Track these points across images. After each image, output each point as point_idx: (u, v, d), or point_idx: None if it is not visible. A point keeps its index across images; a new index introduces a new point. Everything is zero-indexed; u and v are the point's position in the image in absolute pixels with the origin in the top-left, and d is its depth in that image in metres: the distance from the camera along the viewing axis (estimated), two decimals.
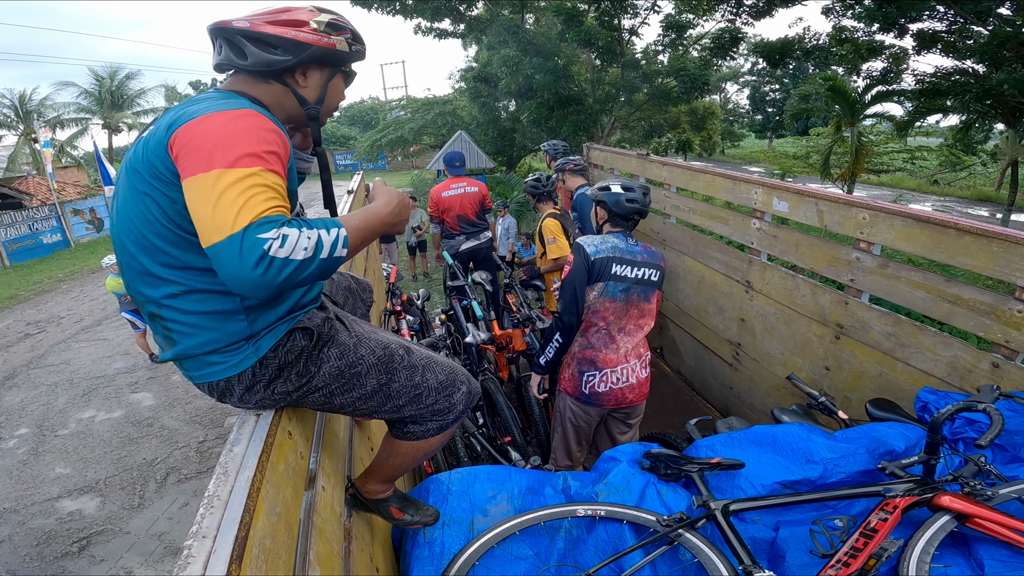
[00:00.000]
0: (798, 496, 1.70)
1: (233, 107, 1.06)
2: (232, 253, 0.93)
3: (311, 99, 1.28)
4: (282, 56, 1.20)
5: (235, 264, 0.93)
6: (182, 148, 1.00)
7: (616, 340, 2.51)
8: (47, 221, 17.04)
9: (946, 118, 16.44)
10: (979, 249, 2.20)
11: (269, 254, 0.94)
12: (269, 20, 1.19)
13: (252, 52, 1.18)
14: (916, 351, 2.53)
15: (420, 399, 1.37)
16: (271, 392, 1.19)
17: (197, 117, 1.03)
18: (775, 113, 39.04)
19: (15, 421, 6.13)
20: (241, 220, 0.94)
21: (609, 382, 2.51)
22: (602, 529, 1.76)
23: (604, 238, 2.51)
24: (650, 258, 2.53)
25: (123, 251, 1.12)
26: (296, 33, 1.19)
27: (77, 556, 4.03)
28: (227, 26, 1.17)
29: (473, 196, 5.17)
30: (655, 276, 2.53)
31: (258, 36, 1.17)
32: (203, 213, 0.95)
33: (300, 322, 1.21)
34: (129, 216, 1.08)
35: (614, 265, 2.44)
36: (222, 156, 0.97)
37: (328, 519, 1.30)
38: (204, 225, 0.96)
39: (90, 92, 22.64)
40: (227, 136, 1.00)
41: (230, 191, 0.95)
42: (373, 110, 41.00)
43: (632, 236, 2.57)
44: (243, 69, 1.20)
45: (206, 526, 0.85)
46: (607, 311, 2.47)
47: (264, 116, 1.08)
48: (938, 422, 1.56)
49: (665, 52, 13.16)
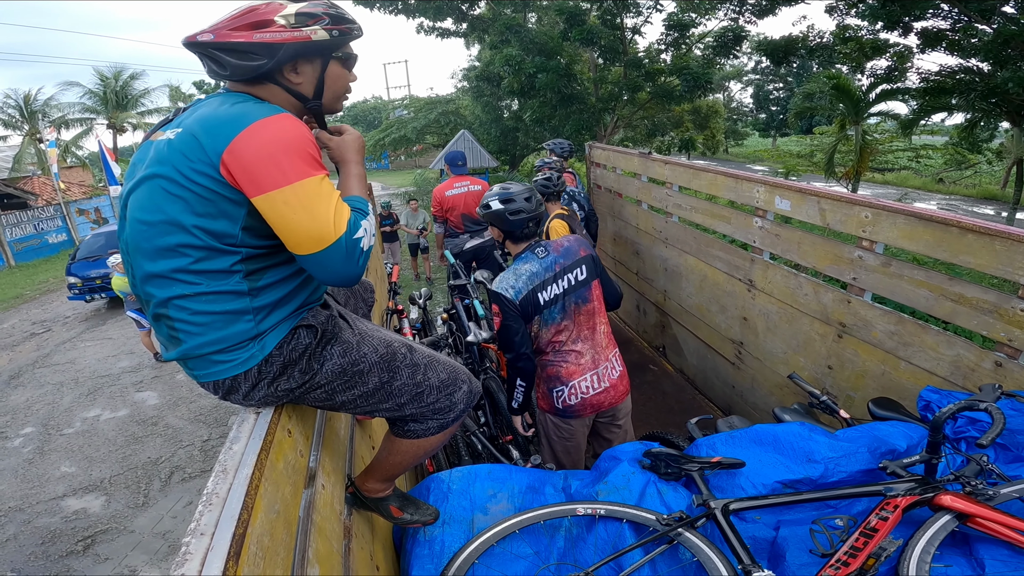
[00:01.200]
0: (798, 495, 1.69)
1: (268, 113, 1.09)
2: (339, 256, 1.08)
3: (308, 93, 1.23)
4: (258, 61, 1.14)
5: (343, 265, 1.09)
6: (246, 164, 1.04)
7: (576, 349, 2.40)
8: (52, 221, 17.15)
9: (951, 116, 16.35)
10: (982, 248, 2.19)
11: (364, 249, 1.12)
12: (233, 26, 1.13)
13: (228, 63, 1.14)
14: (919, 350, 2.52)
15: (421, 397, 1.37)
16: (275, 389, 1.20)
17: (246, 128, 1.04)
18: (779, 112, 38.86)
19: (21, 420, 6.16)
20: (340, 225, 1.07)
21: (579, 392, 2.41)
22: (602, 528, 1.76)
23: (516, 272, 2.31)
24: (567, 259, 2.37)
25: (136, 252, 1.12)
26: (263, 35, 1.13)
27: (82, 555, 4.05)
28: (198, 42, 1.14)
29: (477, 194, 5.17)
30: (582, 274, 2.39)
31: (227, 46, 1.13)
32: (300, 224, 1.05)
33: (304, 319, 1.22)
34: (146, 219, 1.08)
35: (539, 294, 2.30)
36: (292, 167, 1.05)
37: (328, 517, 1.31)
38: (304, 235, 1.06)
39: (95, 92, 22.73)
40: (287, 147, 1.06)
41: (319, 200, 1.06)
42: (376, 109, 41.01)
43: (540, 246, 2.37)
44: (222, 78, 1.18)
45: (204, 523, 0.85)
46: (554, 334, 2.38)
47: (294, 117, 1.12)
48: (939, 421, 1.55)
49: (668, 51, 13.10)
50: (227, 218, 1.07)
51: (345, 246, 1.08)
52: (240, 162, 1.03)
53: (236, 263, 1.10)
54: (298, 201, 1.04)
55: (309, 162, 1.07)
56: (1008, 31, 8.93)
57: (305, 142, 1.08)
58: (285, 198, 1.04)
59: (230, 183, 1.05)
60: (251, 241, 1.11)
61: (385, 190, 23.42)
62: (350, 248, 1.09)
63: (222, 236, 1.08)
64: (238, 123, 1.05)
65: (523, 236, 2.38)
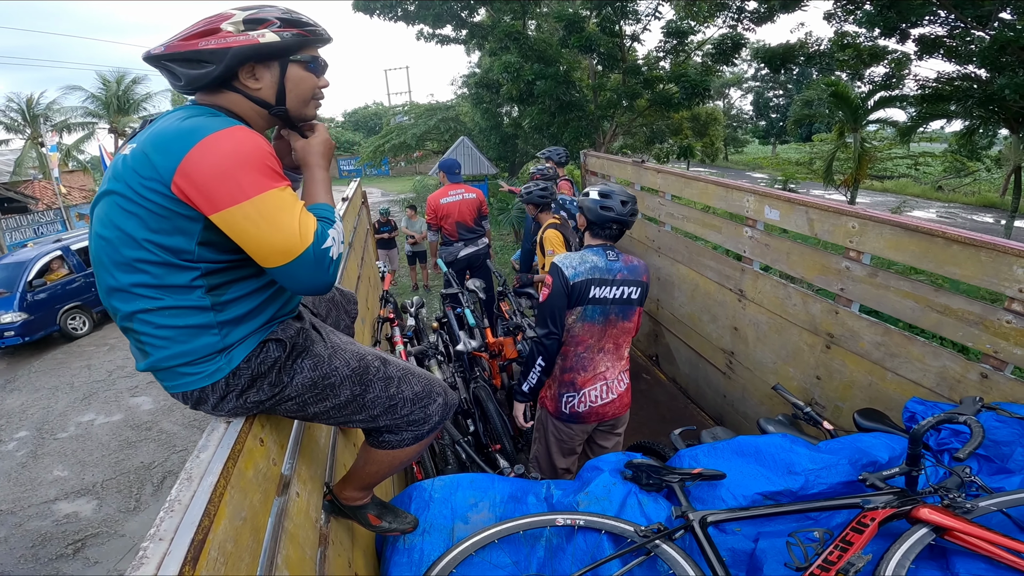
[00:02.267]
0: (777, 507, 1.69)
1: (220, 127, 1.07)
2: (308, 266, 1.08)
3: (271, 99, 1.22)
4: (206, 69, 1.15)
5: (313, 275, 1.09)
6: (200, 182, 1.02)
7: (595, 360, 2.45)
8: (52, 225, 17.19)
9: (950, 123, 16.40)
10: (967, 259, 2.20)
11: (333, 258, 1.12)
12: (183, 37, 1.16)
13: (181, 73, 1.16)
14: (905, 361, 2.52)
15: (395, 410, 1.38)
16: (243, 401, 1.20)
17: (196, 145, 1.03)
18: (779, 119, 38.96)
19: (15, 424, 6.18)
20: (306, 236, 1.07)
21: (588, 400, 2.47)
22: (581, 538, 1.76)
23: (583, 257, 2.38)
24: (631, 274, 2.42)
25: (99, 265, 1.12)
26: (208, 42, 1.14)
27: (72, 558, 4.06)
28: (151, 56, 1.16)
29: (471, 203, 5.19)
30: (635, 294, 2.43)
31: (177, 56, 1.15)
32: (264, 238, 1.05)
33: (274, 333, 1.22)
34: (104, 234, 1.09)
35: (593, 288, 2.34)
36: (249, 182, 1.04)
37: (301, 524, 1.31)
38: (269, 248, 1.06)
39: (97, 96, 22.80)
40: (242, 161, 1.05)
41: (281, 212, 1.06)
42: (377, 115, 41.12)
43: (613, 250, 2.44)
44: (182, 90, 1.19)
45: (164, 528, 0.86)
46: (585, 334, 2.41)
47: (249, 129, 1.11)
48: (918, 434, 1.55)
49: (667, 58, 13.14)
50: (182, 234, 1.07)
51: (313, 256, 1.08)
52: (193, 181, 1.02)
53: (196, 278, 1.10)
54: (259, 215, 1.04)
55: (267, 174, 1.06)
56: (1005, 37, 8.93)
57: (261, 154, 1.07)
58: (245, 213, 1.03)
59: (183, 200, 1.04)
60: (210, 256, 1.10)
61: (385, 196, 23.47)
62: (319, 258, 1.09)
63: (178, 252, 1.07)
64: (188, 139, 1.03)
65: (603, 235, 2.43)
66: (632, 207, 2.40)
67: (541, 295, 2.43)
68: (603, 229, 2.41)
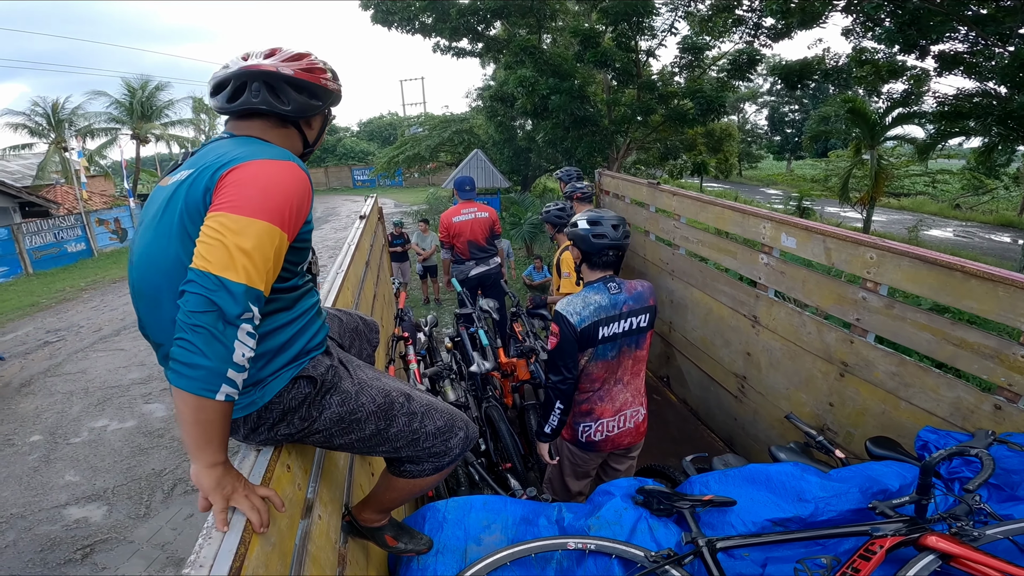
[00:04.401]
0: (786, 534, 1.71)
1: (280, 157, 1.12)
2: (200, 299, 0.94)
3: (311, 140, 1.34)
4: (317, 103, 1.26)
5: (195, 305, 0.94)
6: (223, 184, 1.04)
7: (612, 392, 2.44)
8: (72, 230, 17.43)
9: (968, 140, 16.21)
10: (985, 293, 2.19)
11: (238, 319, 0.96)
12: (302, 68, 1.23)
13: (293, 98, 1.22)
14: (919, 391, 2.51)
15: (417, 443, 1.41)
16: (274, 434, 1.23)
17: (249, 162, 1.07)
18: (794, 134, 38.77)
19: (29, 428, 6.25)
20: (235, 284, 0.96)
21: (606, 431, 2.47)
22: (591, 562, 1.78)
23: (586, 299, 2.29)
24: (636, 303, 2.36)
25: (153, 294, 1.10)
26: (324, 81, 1.26)
27: (80, 563, 4.08)
28: (273, 72, 1.20)
29: (484, 222, 5.20)
30: (644, 321, 2.39)
31: (298, 83, 1.22)
32: (212, 251, 0.98)
33: (305, 370, 1.23)
34: (170, 260, 1.07)
35: (600, 328, 2.28)
36: (258, 204, 1.02)
37: (322, 546, 1.34)
38: (206, 257, 0.97)
39: (121, 102, 23.21)
40: (270, 185, 1.06)
41: (249, 249, 0.98)
42: (392, 126, 41.49)
43: (614, 281, 2.35)
44: (278, 113, 1.23)
45: (203, 556, 0.89)
46: (600, 371, 2.38)
47: (301, 171, 1.13)
48: (930, 465, 1.58)
49: (682, 73, 13.16)
50: None
51: (217, 303, 0.94)
52: (221, 183, 1.05)
53: None
54: (231, 234, 0.98)
55: (277, 211, 1.04)
56: None
57: (292, 194, 1.08)
58: (224, 223, 0.99)
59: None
60: None
61: (398, 207, 23.62)
62: (225, 316, 0.95)
63: None
64: (245, 157, 1.08)
65: (600, 264, 2.35)
66: (624, 229, 2.34)
67: (549, 343, 2.38)
68: (600, 257, 2.33)
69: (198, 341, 0.93)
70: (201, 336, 0.93)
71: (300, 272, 1.26)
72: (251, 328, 0.99)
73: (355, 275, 2.98)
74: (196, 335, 0.93)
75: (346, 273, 2.67)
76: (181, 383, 0.94)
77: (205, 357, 0.93)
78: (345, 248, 3.20)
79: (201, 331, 0.93)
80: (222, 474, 0.99)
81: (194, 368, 0.93)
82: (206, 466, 0.98)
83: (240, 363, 0.97)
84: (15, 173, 20.72)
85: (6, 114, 21.26)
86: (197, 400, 0.94)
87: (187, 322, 0.93)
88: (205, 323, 0.93)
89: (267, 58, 1.23)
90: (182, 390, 0.94)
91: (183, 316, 0.94)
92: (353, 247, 3.17)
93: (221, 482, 0.99)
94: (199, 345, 0.93)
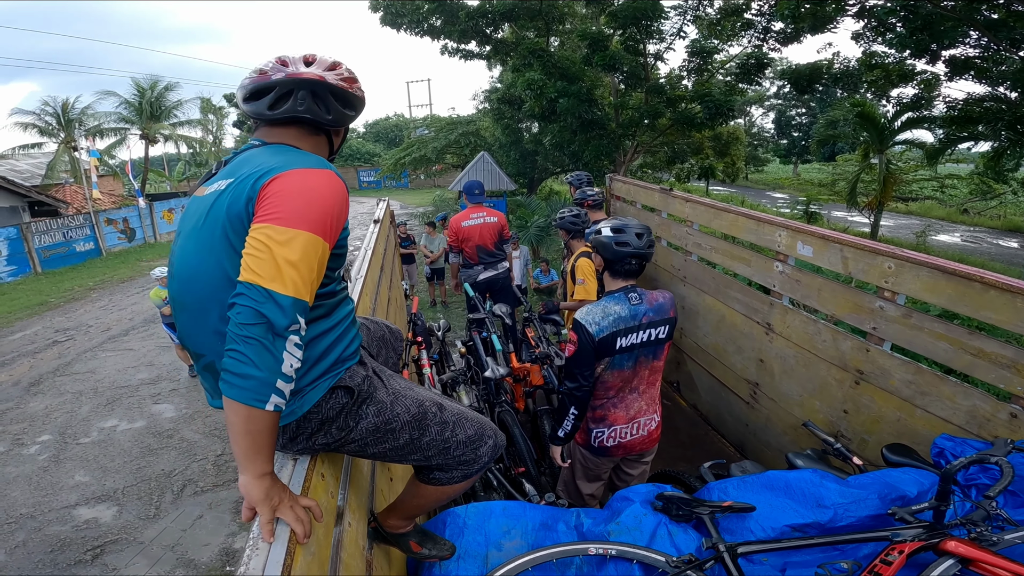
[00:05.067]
0: (805, 539, 1.73)
1: (319, 166, 1.13)
2: (250, 313, 0.96)
3: (335, 148, 1.37)
4: (352, 112, 1.28)
5: (249, 325, 0.96)
6: (268, 193, 1.05)
7: (627, 400, 2.44)
8: (81, 229, 17.48)
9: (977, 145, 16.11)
10: (1004, 304, 2.19)
11: (286, 330, 0.98)
12: (342, 78, 1.24)
13: (334, 108, 1.24)
14: (935, 399, 2.50)
15: (448, 451, 1.42)
16: (311, 443, 1.24)
17: (293, 170, 1.08)
18: (801, 138, 38.61)
19: (38, 428, 6.26)
20: (283, 297, 0.98)
21: (617, 437, 2.47)
22: (612, 567, 1.79)
23: (605, 309, 2.27)
24: (657, 314, 2.33)
25: (198, 306, 1.12)
26: (357, 90, 1.28)
27: (90, 564, 4.07)
28: (321, 81, 1.21)
29: (492, 226, 5.21)
30: (663, 333, 2.37)
31: (341, 93, 1.24)
32: (261, 264, 0.99)
33: (342, 380, 1.24)
34: (214, 272, 1.08)
35: (619, 339, 2.26)
36: (303, 215, 1.03)
37: (352, 553, 1.36)
38: (255, 269, 0.98)
39: (130, 102, 23.29)
40: (312, 196, 1.07)
41: (295, 260, 1.00)
42: (398, 127, 41.59)
43: (635, 291, 2.33)
44: (317, 123, 1.25)
45: (252, 567, 0.90)
46: (616, 379, 2.38)
47: (338, 179, 1.15)
48: (950, 473, 1.59)
49: (690, 77, 13.15)
50: None
51: (266, 315, 0.95)
52: (263, 193, 1.05)
53: None
54: (277, 246, 0.99)
55: (320, 221, 1.05)
56: None
57: (333, 203, 1.09)
58: (270, 235, 1.00)
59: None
60: None
61: (404, 209, 23.65)
62: (274, 328, 0.96)
63: None
64: (284, 167, 1.09)
65: (622, 272, 2.33)
66: (648, 239, 2.32)
67: (567, 351, 2.36)
68: (622, 266, 2.31)
69: (249, 352, 0.94)
70: (252, 347, 0.94)
71: (337, 278, 1.27)
72: (298, 339, 1.01)
73: (372, 280, 2.99)
74: (248, 346, 0.94)
75: (365, 279, 2.67)
76: (233, 393, 0.95)
77: (256, 368, 0.95)
78: (362, 254, 3.20)
79: (252, 343, 0.95)
80: (270, 485, 1.01)
81: (246, 379, 0.95)
82: (255, 476, 0.99)
83: (288, 374, 0.99)
84: (24, 172, 20.81)
85: (16, 113, 21.38)
86: (248, 410, 0.96)
87: (238, 334, 0.95)
88: (256, 335, 0.95)
89: (308, 65, 1.24)
90: (234, 400, 0.95)
91: (233, 327, 0.95)
92: (370, 252, 3.17)
93: (269, 493, 1.00)
94: (250, 356, 0.94)
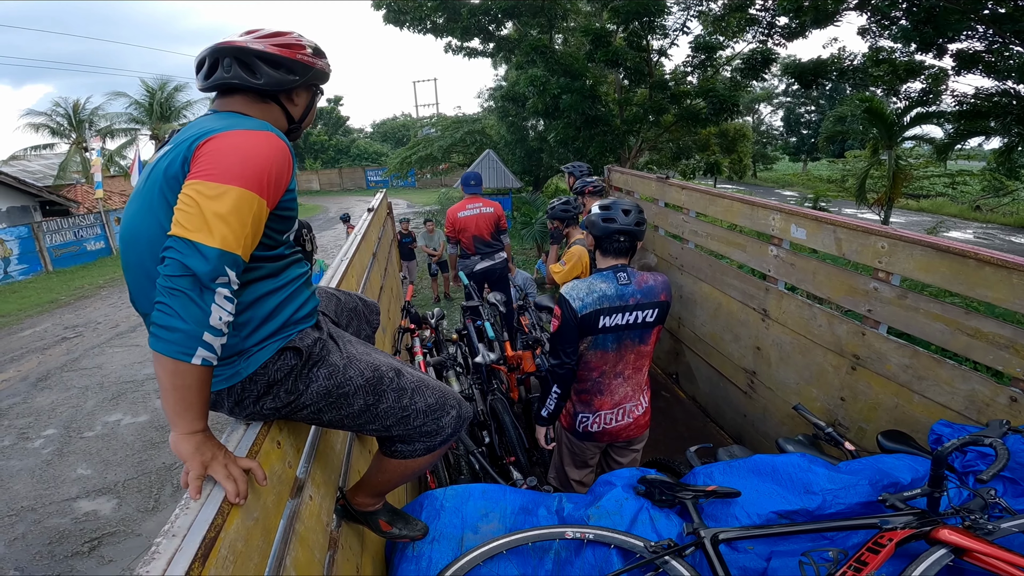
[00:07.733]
0: (790, 526, 1.67)
1: (257, 127, 1.14)
2: (180, 262, 0.96)
3: (297, 117, 1.36)
4: (291, 77, 1.27)
5: (177, 275, 0.96)
6: (201, 152, 1.06)
7: (611, 385, 2.40)
8: (92, 228, 17.73)
9: (988, 141, 15.91)
10: (999, 281, 2.14)
11: (213, 282, 0.97)
12: (276, 44, 1.26)
13: (265, 72, 1.24)
14: (933, 384, 2.45)
15: (408, 420, 1.39)
16: (260, 407, 1.22)
17: (226, 132, 1.09)
18: (810, 135, 38.35)
19: (44, 421, 6.33)
20: (210, 249, 0.97)
21: (602, 423, 2.43)
22: (590, 552, 1.75)
23: (591, 286, 2.26)
24: (646, 297, 2.30)
25: (140, 265, 1.14)
26: (301, 55, 1.28)
27: (87, 556, 4.11)
28: (243, 47, 1.23)
29: (488, 217, 5.20)
30: (652, 316, 2.33)
31: (271, 57, 1.24)
32: (190, 217, 1.00)
33: (292, 341, 1.22)
34: (152, 231, 1.10)
35: (602, 317, 2.24)
36: (234, 170, 1.04)
37: (312, 528, 1.33)
38: (183, 222, 0.99)
39: (140, 103, 23.52)
40: (247, 154, 1.07)
41: (226, 214, 1.00)
42: (405, 127, 41.80)
43: (624, 270, 2.30)
44: (251, 88, 1.25)
45: (178, 526, 0.89)
46: (598, 361, 2.35)
47: (279, 140, 1.15)
48: (942, 456, 1.52)
49: (694, 73, 13.07)
50: None
51: (191, 267, 0.95)
52: (198, 152, 1.06)
53: None
54: (206, 200, 0.99)
55: (255, 178, 1.05)
56: None
57: (269, 162, 1.09)
58: (200, 190, 1.00)
59: None
60: None
61: (410, 207, 23.73)
62: (193, 278, 0.96)
63: None
64: (223, 128, 1.10)
65: (612, 250, 2.33)
66: (636, 216, 2.32)
67: (552, 326, 2.36)
68: (610, 243, 2.32)
69: (175, 304, 0.94)
70: (178, 299, 0.95)
71: (286, 241, 1.26)
72: (228, 292, 1.00)
73: (360, 263, 2.99)
74: (173, 298, 0.95)
75: (351, 260, 2.68)
76: (159, 346, 0.95)
77: (181, 320, 0.94)
78: (352, 237, 3.22)
79: (178, 294, 0.95)
80: (201, 441, 1.00)
81: (171, 331, 0.94)
82: (184, 433, 0.99)
83: (217, 327, 0.98)
84: (36, 172, 21.10)
85: (28, 114, 21.69)
86: (174, 364, 0.95)
87: (164, 285, 0.95)
88: (181, 286, 0.95)
89: (242, 36, 1.27)
90: (160, 353, 0.95)
91: (161, 280, 0.96)
92: (359, 236, 3.18)
93: (200, 449, 0.99)
94: (176, 308, 0.94)
